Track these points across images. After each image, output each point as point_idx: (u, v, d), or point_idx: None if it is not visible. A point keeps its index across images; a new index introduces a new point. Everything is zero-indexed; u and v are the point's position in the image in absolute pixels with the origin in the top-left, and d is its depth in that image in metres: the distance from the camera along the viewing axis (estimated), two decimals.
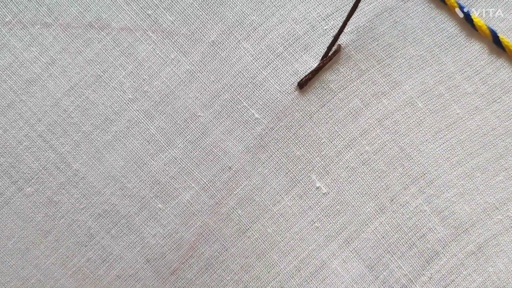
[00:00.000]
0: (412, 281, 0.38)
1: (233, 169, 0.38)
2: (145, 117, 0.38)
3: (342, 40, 0.38)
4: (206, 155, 0.38)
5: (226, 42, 0.38)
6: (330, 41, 0.38)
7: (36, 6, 0.37)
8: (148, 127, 0.38)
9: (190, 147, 0.38)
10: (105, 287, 0.38)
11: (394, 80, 0.38)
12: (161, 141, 0.38)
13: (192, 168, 0.38)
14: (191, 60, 0.38)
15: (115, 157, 0.38)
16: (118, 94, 0.38)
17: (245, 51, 0.38)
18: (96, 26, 0.37)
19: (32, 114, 0.37)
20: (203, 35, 0.38)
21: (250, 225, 0.38)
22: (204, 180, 0.38)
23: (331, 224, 0.38)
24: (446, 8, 0.39)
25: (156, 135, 0.38)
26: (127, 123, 0.38)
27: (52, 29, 0.37)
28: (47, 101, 0.37)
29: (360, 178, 0.38)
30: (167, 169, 0.38)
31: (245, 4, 0.38)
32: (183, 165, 0.38)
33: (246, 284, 0.38)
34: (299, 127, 0.38)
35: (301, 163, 0.38)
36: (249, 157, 0.38)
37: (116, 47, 0.38)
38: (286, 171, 0.38)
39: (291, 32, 0.38)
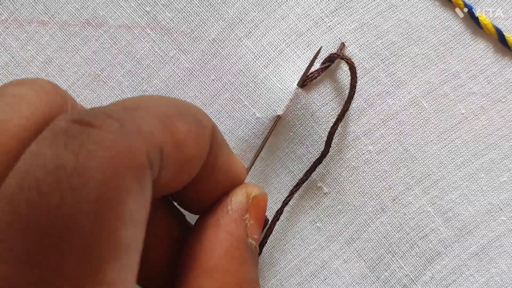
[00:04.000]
0: (413, 280, 0.38)
1: None
2: None
3: (345, 38, 0.37)
4: None
5: (227, 40, 0.37)
6: (333, 38, 0.37)
7: (32, 3, 0.36)
8: None
9: None
10: None
11: (398, 79, 0.38)
12: None
13: None
14: (190, 58, 0.37)
15: None
16: (117, 94, 0.37)
17: (247, 49, 0.37)
18: (93, 23, 0.36)
19: None
20: (203, 32, 0.37)
21: None
22: None
23: (332, 224, 0.38)
24: (451, 5, 0.38)
25: None
26: None
27: (49, 27, 0.36)
28: None
29: (361, 178, 0.38)
30: None
31: (246, 0, 0.37)
32: None
33: None
34: (300, 126, 0.37)
35: (302, 162, 0.38)
36: (251, 157, 0.38)
37: (114, 45, 0.37)
38: (288, 170, 0.38)
39: (294, 29, 0.37)
